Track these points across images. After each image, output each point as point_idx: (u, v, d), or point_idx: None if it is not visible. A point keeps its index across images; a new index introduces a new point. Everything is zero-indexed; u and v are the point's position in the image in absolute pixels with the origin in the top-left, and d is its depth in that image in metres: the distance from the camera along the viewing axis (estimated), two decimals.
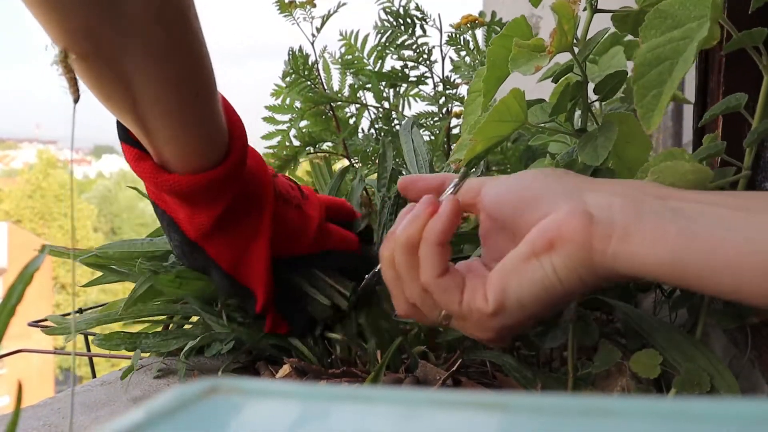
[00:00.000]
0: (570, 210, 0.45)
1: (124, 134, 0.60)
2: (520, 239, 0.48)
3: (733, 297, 0.41)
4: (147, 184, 0.63)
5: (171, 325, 0.75)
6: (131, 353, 0.72)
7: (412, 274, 0.51)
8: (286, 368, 0.68)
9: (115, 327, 0.73)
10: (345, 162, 1.26)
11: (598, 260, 0.44)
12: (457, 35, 1.18)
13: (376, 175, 0.87)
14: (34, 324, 0.78)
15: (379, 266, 0.62)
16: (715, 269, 0.40)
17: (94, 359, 0.79)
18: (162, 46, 0.53)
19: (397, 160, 0.93)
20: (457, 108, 1.20)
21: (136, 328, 0.75)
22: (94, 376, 0.76)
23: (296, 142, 1.22)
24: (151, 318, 0.75)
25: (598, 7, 0.56)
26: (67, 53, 0.49)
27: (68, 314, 0.80)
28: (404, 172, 0.87)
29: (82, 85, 0.51)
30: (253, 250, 0.67)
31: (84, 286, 0.77)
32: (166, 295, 0.71)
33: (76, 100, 0.50)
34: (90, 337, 0.77)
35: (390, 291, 0.54)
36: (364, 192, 0.94)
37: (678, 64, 0.45)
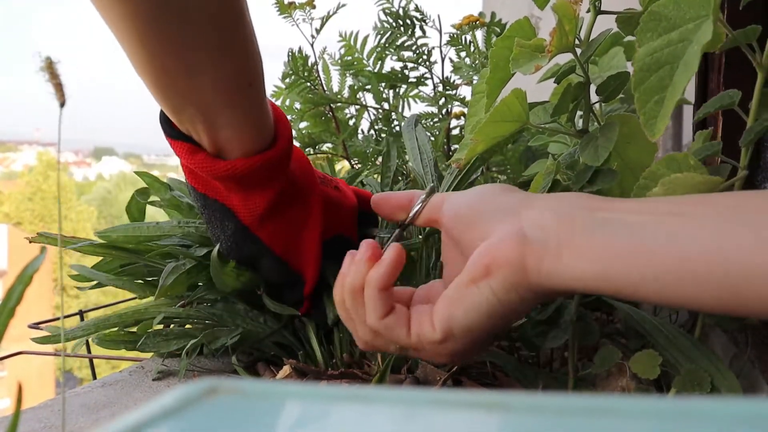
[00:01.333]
0: (504, 232, 0.47)
1: (173, 131, 0.64)
2: (467, 257, 0.49)
3: (663, 303, 0.42)
4: (197, 176, 0.66)
5: (172, 325, 0.75)
6: (132, 354, 0.72)
7: (360, 316, 0.53)
8: (286, 369, 0.68)
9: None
10: (345, 163, 1.26)
11: (534, 279, 0.45)
12: (458, 36, 1.18)
13: (376, 175, 0.87)
14: (35, 326, 0.78)
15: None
16: (642, 278, 0.41)
17: (95, 361, 0.79)
18: (225, 42, 0.58)
19: (398, 161, 0.93)
20: (457, 109, 1.19)
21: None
22: (94, 377, 0.76)
23: (296, 144, 1.22)
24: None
25: (602, 8, 0.56)
26: (52, 60, 0.51)
27: (71, 315, 0.80)
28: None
29: (69, 91, 0.52)
30: (304, 234, 0.71)
31: (81, 288, 0.77)
32: (203, 287, 0.71)
33: (63, 104, 0.52)
34: (90, 339, 0.77)
35: (348, 328, 0.56)
36: None
37: (679, 69, 0.44)
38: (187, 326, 0.73)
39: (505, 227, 0.47)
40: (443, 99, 1.20)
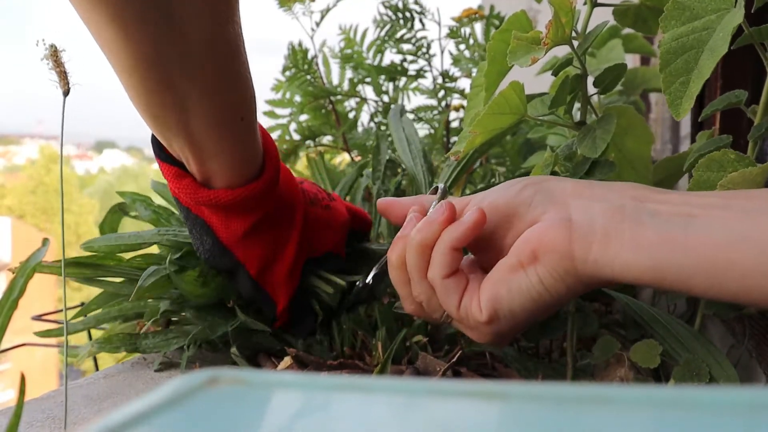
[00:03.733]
0: (552, 219, 0.46)
1: (161, 153, 0.64)
2: (508, 250, 0.49)
3: (711, 296, 0.42)
4: (183, 197, 0.66)
5: (171, 324, 0.75)
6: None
7: (421, 274, 0.52)
8: (287, 360, 0.68)
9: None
10: (345, 155, 1.26)
11: (581, 268, 0.45)
12: (457, 29, 1.18)
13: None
14: (38, 318, 0.78)
15: (381, 262, 0.64)
16: (690, 272, 0.41)
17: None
18: (220, 76, 0.58)
19: (391, 153, 0.93)
20: (456, 101, 1.20)
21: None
22: (97, 369, 0.76)
23: (296, 136, 1.22)
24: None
25: (599, 1, 0.56)
26: (57, 48, 0.51)
27: (73, 308, 0.80)
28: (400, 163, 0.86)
29: (73, 79, 0.53)
30: (280, 258, 0.71)
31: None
32: (181, 293, 0.71)
33: (66, 93, 0.52)
34: (92, 331, 0.77)
35: (397, 291, 0.55)
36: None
37: (704, 53, 0.45)
38: (186, 327, 0.73)
39: (552, 215, 0.47)
40: (443, 91, 1.20)
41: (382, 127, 1.23)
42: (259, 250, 0.69)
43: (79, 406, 0.62)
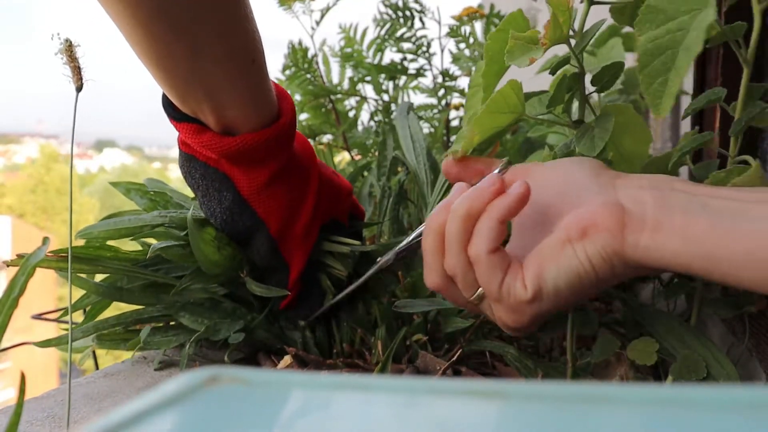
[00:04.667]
0: (604, 202, 0.47)
1: (177, 113, 0.65)
2: (553, 226, 0.49)
3: (760, 289, 0.42)
4: (205, 152, 0.67)
5: (172, 321, 0.75)
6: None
7: (460, 246, 0.50)
8: (287, 359, 0.68)
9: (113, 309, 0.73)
10: (345, 154, 1.26)
11: (630, 252, 0.45)
12: (457, 27, 1.18)
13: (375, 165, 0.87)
14: (38, 316, 0.78)
15: (405, 243, 0.63)
16: (743, 263, 0.41)
17: (98, 351, 0.79)
18: (227, 21, 0.59)
19: (395, 152, 0.94)
20: (456, 100, 1.20)
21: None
22: (97, 367, 0.76)
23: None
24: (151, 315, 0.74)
25: None
26: (72, 42, 0.51)
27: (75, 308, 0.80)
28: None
29: (86, 76, 0.53)
30: (297, 217, 0.71)
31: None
32: (189, 276, 0.70)
33: (79, 88, 0.52)
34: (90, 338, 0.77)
35: (426, 262, 0.54)
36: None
37: (680, 53, 0.46)
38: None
39: (601, 198, 0.47)
40: (443, 90, 1.20)
41: (385, 126, 1.23)
42: (279, 206, 0.69)
43: (79, 405, 0.62)
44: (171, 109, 0.65)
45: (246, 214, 0.68)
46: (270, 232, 0.70)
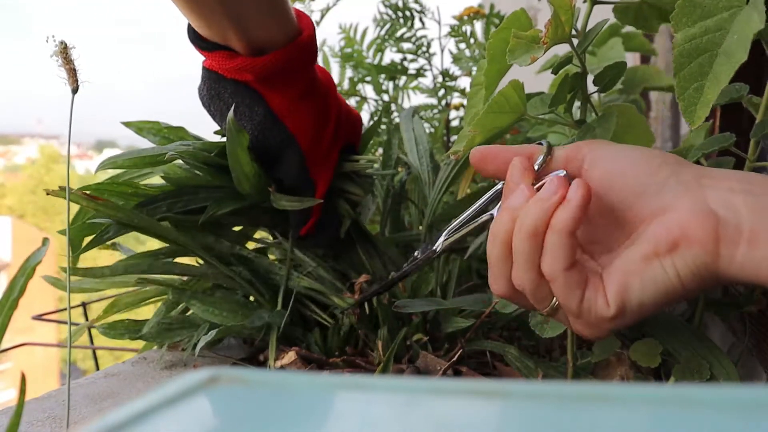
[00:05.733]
0: (693, 209, 0.42)
1: (206, 43, 0.67)
2: (629, 227, 0.45)
3: None
4: (237, 75, 0.68)
5: (174, 312, 0.75)
6: (135, 344, 0.72)
7: (531, 262, 0.45)
8: (291, 355, 0.68)
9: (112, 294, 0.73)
10: None
11: (723, 267, 0.41)
12: (458, 27, 1.18)
13: (376, 165, 0.87)
14: (38, 317, 0.78)
15: (415, 254, 0.61)
16: None
17: (98, 352, 0.79)
18: None
19: (398, 151, 0.94)
20: (456, 100, 1.20)
21: (140, 314, 0.75)
22: (97, 368, 0.76)
23: None
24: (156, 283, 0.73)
25: None
26: (66, 44, 0.51)
27: (75, 307, 0.80)
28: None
29: (82, 77, 0.53)
30: (324, 134, 0.73)
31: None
32: (215, 202, 0.70)
33: (75, 90, 0.53)
34: (93, 331, 0.77)
35: (491, 270, 0.49)
36: None
37: (719, 57, 0.43)
38: (189, 312, 0.73)
39: (688, 202, 0.42)
40: (443, 90, 1.20)
41: (380, 128, 1.23)
42: (307, 122, 0.71)
43: (80, 405, 0.62)
44: (199, 40, 0.67)
45: (277, 128, 0.70)
46: (301, 147, 0.71)
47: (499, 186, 0.53)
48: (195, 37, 0.67)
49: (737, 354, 0.64)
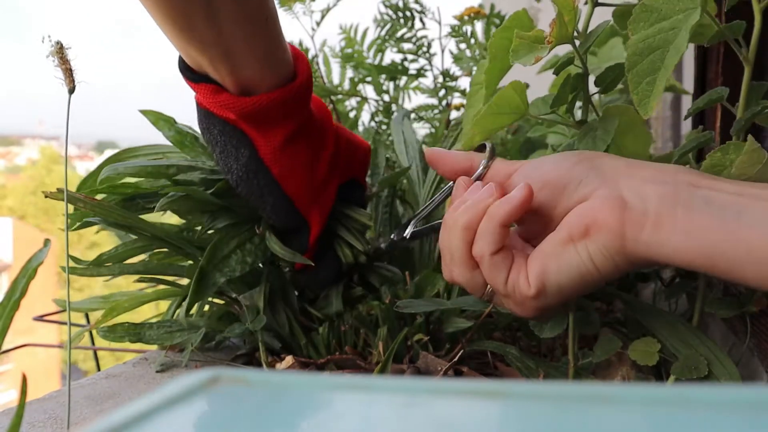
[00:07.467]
0: (604, 196, 0.46)
1: (194, 75, 0.65)
2: (556, 223, 0.49)
3: (764, 287, 0.42)
4: (222, 112, 0.67)
5: (175, 314, 0.75)
6: (136, 345, 0.72)
7: (464, 256, 0.51)
8: (289, 359, 0.68)
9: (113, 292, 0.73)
10: None
11: (631, 248, 0.45)
12: (458, 27, 1.18)
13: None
14: (39, 318, 0.78)
15: (392, 236, 0.64)
16: (746, 259, 0.41)
17: (99, 353, 0.79)
18: None
19: (387, 155, 0.94)
20: (456, 100, 1.20)
21: (140, 315, 0.75)
22: (98, 369, 0.76)
23: None
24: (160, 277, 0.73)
25: (599, 0, 0.56)
26: (62, 45, 0.51)
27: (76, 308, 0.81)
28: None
29: (79, 78, 0.53)
30: (315, 175, 0.72)
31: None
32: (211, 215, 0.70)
33: (72, 90, 0.52)
34: (94, 331, 0.77)
35: (442, 255, 0.54)
36: None
37: (669, 52, 0.46)
38: (190, 320, 0.73)
39: (604, 191, 0.47)
40: (443, 90, 1.20)
41: (381, 128, 1.23)
42: (295, 166, 0.70)
43: (81, 406, 0.62)
44: (187, 71, 0.65)
45: (261, 174, 0.69)
46: (285, 192, 0.70)
47: (451, 184, 0.57)
48: (183, 67, 0.65)
49: (738, 354, 0.64)
